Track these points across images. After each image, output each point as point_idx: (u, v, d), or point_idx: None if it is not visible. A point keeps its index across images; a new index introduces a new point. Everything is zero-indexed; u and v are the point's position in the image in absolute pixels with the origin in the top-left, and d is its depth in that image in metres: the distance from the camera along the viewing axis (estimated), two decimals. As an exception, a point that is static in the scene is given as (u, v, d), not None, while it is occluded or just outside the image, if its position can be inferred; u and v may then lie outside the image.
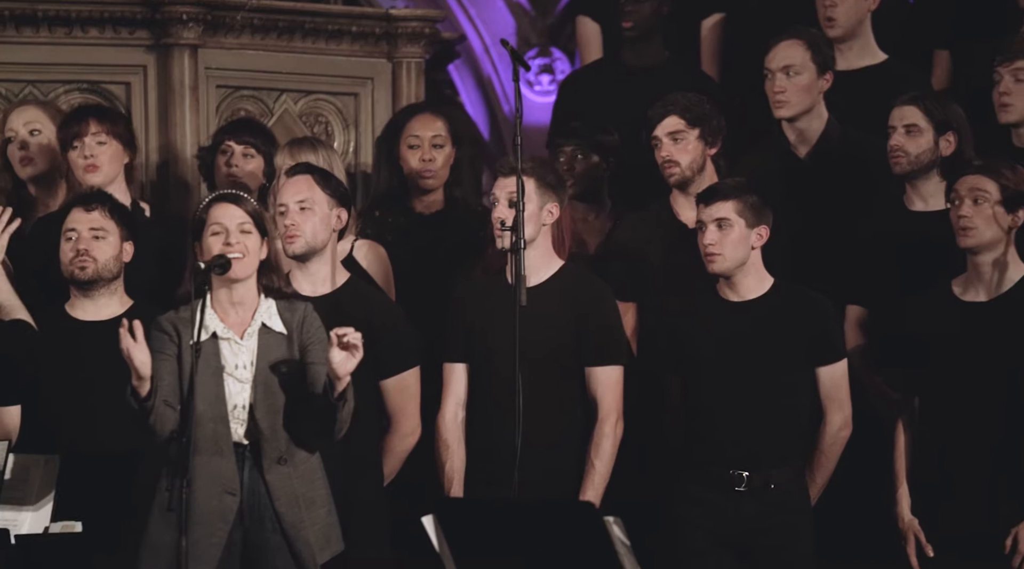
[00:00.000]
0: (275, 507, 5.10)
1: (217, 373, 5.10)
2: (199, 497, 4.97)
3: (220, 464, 5.08)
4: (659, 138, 6.20)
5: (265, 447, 5.11)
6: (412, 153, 6.48)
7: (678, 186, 6.22)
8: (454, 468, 5.80)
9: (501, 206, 5.71)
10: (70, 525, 5.17)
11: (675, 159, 6.19)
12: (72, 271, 5.66)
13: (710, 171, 6.24)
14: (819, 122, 6.47)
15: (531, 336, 5.56)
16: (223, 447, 5.09)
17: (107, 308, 5.69)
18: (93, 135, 6.05)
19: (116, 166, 6.09)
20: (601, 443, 5.73)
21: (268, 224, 5.25)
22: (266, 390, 5.12)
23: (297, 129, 6.83)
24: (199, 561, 4.99)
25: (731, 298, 5.78)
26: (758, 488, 5.65)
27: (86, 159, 6.04)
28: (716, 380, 5.71)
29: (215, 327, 5.12)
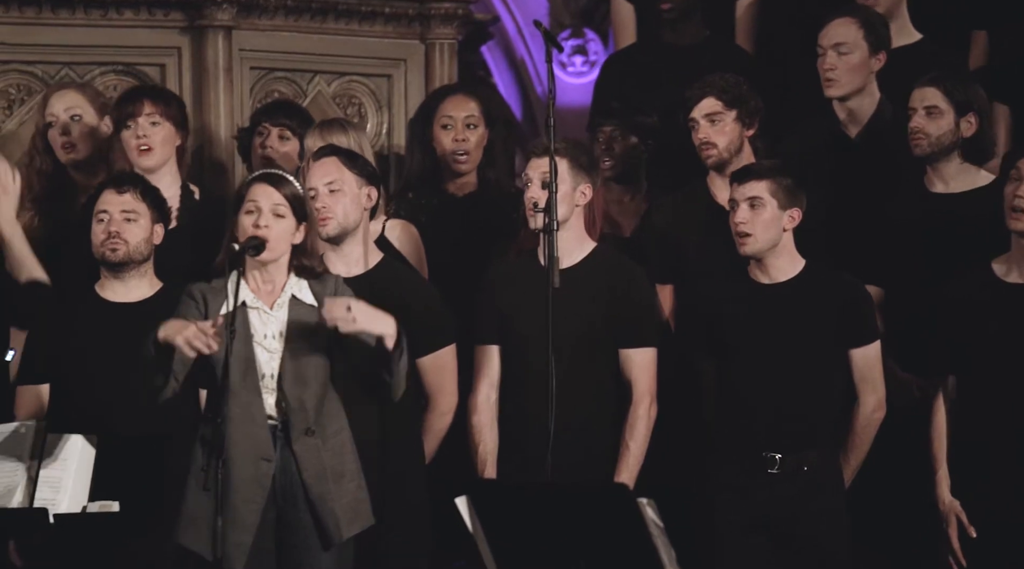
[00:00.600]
0: (303, 479, 5.12)
1: (247, 341, 5.12)
2: (235, 465, 4.99)
3: (254, 431, 5.10)
4: (696, 120, 6.19)
5: (293, 418, 5.13)
6: (445, 134, 6.48)
7: (715, 168, 6.21)
8: (487, 450, 5.82)
9: (534, 187, 5.71)
10: (107, 504, 5.20)
11: (712, 141, 6.17)
12: (103, 253, 5.68)
13: (747, 152, 6.23)
14: (871, 102, 6.44)
15: (564, 318, 5.56)
16: (256, 415, 5.11)
17: (137, 290, 5.70)
18: (147, 116, 6.04)
19: (168, 148, 6.09)
20: (635, 425, 5.74)
21: (308, 208, 5.25)
22: (295, 361, 5.14)
23: (330, 111, 6.83)
24: (239, 528, 5.02)
25: (763, 280, 5.77)
26: (791, 471, 5.64)
27: (139, 140, 6.04)
28: (748, 362, 5.71)
29: (245, 296, 5.14)
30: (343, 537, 5.13)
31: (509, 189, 6.47)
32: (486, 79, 8.48)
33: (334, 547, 5.15)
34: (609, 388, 5.79)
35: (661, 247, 6.22)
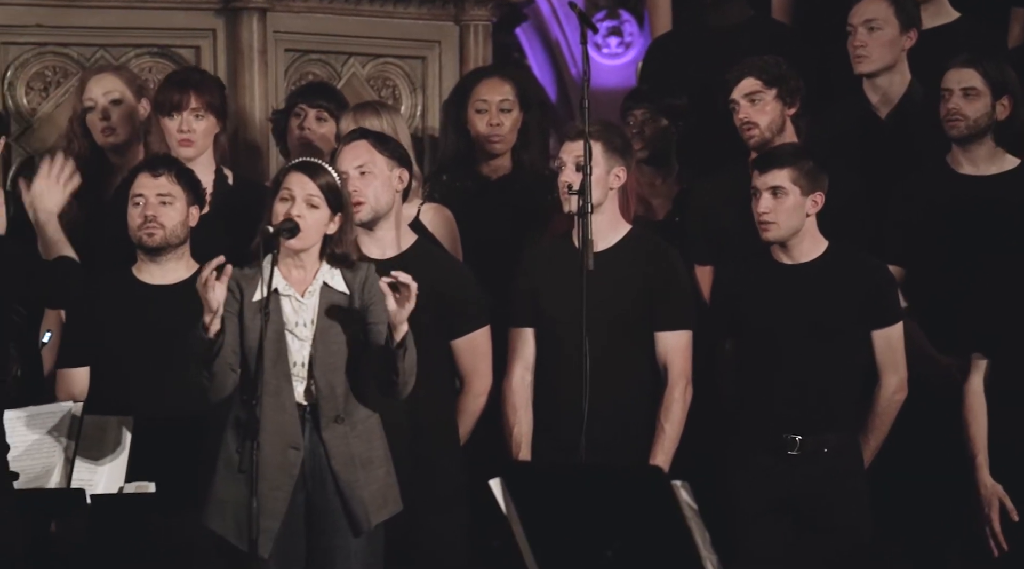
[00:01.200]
0: (331, 466, 5.12)
1: (279, 329, 5.13)
2: (264, 452, 5.00)
3: (283, 419, 5.10)
4: (736, 101, 6.18)
5: (323, 405, 5.13)
6: (479, 117, 6.48)
7: (757, 148, 6.19)
8: (522, 432, 5.82)
9: (568, 170, 5.71)
10: (144, 485, 5.22)
11: (753, 120, 6.16)
12: (140, 237, 5.69)
13: (790, 132, 6.21)
14: (901, 81, 6.41)
15: (598, 300, 5.56)
16: (285, 403, 5.11)
17: (174, 273, 5.72)
18: (192, 110, 6.03)
19: (208, 139, 6.09)
20: (671, 407, 5.74)
21: (344, 199, 5.24)
22: (325, 348, 5.14)
23: (365, 93, 6.84)
24: (266, 514, 5.02)
25: (785, 261, 5.77)
26: (811, 451, 5.64)
27: (182, 133, 6.04)
28: (769, 343, 5.70)
29: (277, 284, 5.14)
30: (371, 524, 5.13)
31: (543, 172, 6.47)
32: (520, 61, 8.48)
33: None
34: (643, 370, 5.78)
35: (702, 228, 6.21)
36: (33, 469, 5.16)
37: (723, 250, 6.15)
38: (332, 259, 5.20)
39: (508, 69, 7.00)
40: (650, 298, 5.75)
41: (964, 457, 5.70)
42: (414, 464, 5.56)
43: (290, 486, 5.10)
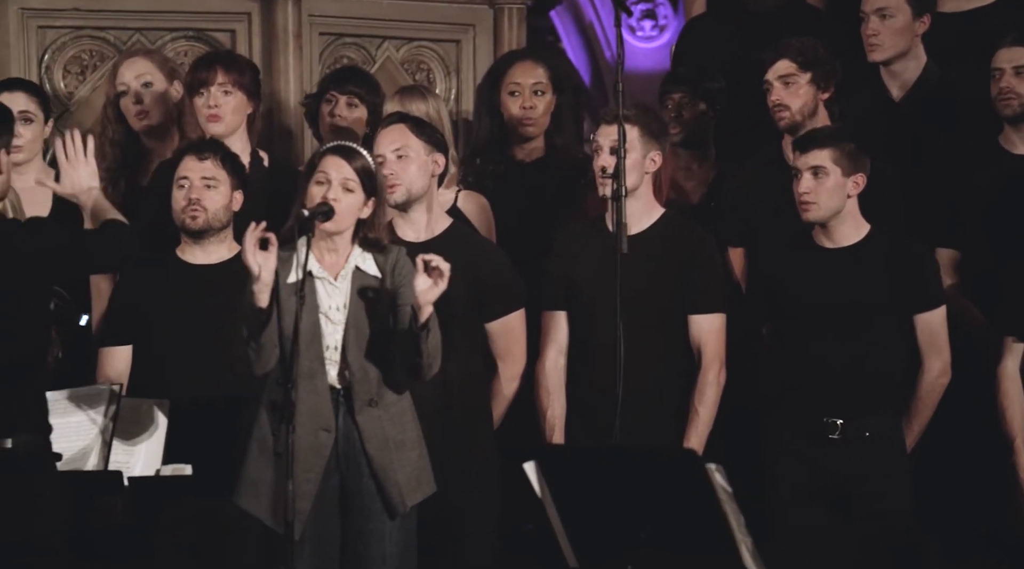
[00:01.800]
0: (365, 449, 5.13)
1: (313, 312, 5.14)
2: (296, 435, 5.00)
3: (316, 402, 5.11)
4: (770, 82, 6.17)
5: (356, 388, 5.14)
6: (513, 100, 6.48)
7: (788, 130, 6.18)
8: (555, 415, 5.83)
9: (603, 154, 5.71)
10: (180, 468, 5.24)
11: (786, 103, 6.15)
12: (184, 220, 5.72)
13: (822, 116, 6.19)
14: (916, 66, 6.39)
15: (631, 284, 5.55)
16: (319, 386, 5.12)
17: (216, 254, 5.75)
18: (219, 85, 6.06)
19: (239, 117, 6.11)
20: (705, 390, 5.74)
21: (379, 185, 5.25)
22: (358, 332, 5.15)
23: (399, 76, 6.84)
24: (298, 496, 5.01)
25: (827, 245, 5.75)
26: (852, 436, 5.62)
27: (210, 109, 6.06)
28: (810, 327, 5.69)
29: (311, 267, 5.13)
30: (406, 507, 5.14)
31: (576, 155, 6.47)
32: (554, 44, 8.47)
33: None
34: (677, 353, 5.79)
35: (734, 210, 6.20)
36: (71, 451, 5.18)
37: (755, 233, 6.14)
38: (364, 243, 5.21)
39: (542, 52, 6.99)
40: (683, 281, 5.75)
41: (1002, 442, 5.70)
42: (447, 447, 5.57)
43: (321, 468, 5.12)
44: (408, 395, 5.21)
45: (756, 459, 5.70)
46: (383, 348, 5.15)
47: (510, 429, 5.87)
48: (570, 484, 4.68)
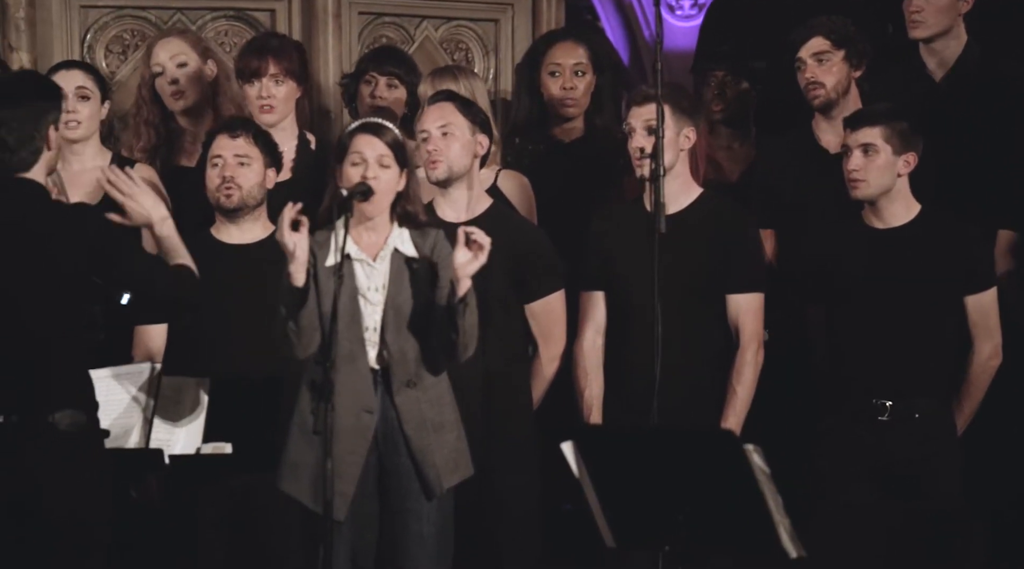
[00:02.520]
0: (404, 430, 5.14)
1: (351, 293, 5.15)
2: (338, 415, 5.02)
3: (356, 382, 5.13)
4: (803, 59, 6.14)
5: (395, 370, 5.15)
6: (553, 81, 6.48)
7: (821, 109, 6.16)
8: (593, 395, 5.83)
9: (638, 136, 5.70)
10: (220, 446, 5.26)
11: (819, 80, 6.13)
12: (218, 198, 5.74)
13: (854, 94, 6.17)
14: (957, 45, 6.36)
15: (669, 263, 5.54)
16: (359, 366, 5.14)
17: (251, 233, 5.77)
18: (271, 76, 6.06)
19: (289, 104, 6.12)
20: (742, 370, 5.73)
21: (408, 155, 5.26)
22: (396, 313, 5.16)
23: (438, 56, 6.84)
24: (341, 478, 5.04)
25: (877, 225, 5.73)
26: (902, 418, 5.60)
27: (262, 99, 6.08)
28: (860, 308, 5.66)
29: (349, 249, 5.15)
30: (444, 489, 5.15)
31: (616, 135, 6.44)
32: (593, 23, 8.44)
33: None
34: (715, 333, 5.78)
35: (763, 191, 6.19)
36: (112, 429, 5.21)
37: (784, 213, 6.12)
38: (403, 219, 5.21)
39: (581, 32, 6.98)
40: (722, 260, 5.74)
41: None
42: (487, 428, 5.59)
43: (364, 449, 5.13)
44: (446, 378, 5.22)
45: (795, 440, 5.69)
46: (422, 329, 5.16)
47: (549, 409, 5.88)
48: (608, 464, 4.68)
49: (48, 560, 4.82)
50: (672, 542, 4.63)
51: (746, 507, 4.50)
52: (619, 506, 4.70)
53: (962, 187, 6.11)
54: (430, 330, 5.16)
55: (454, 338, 5.08)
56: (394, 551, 5.15)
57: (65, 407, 4.83)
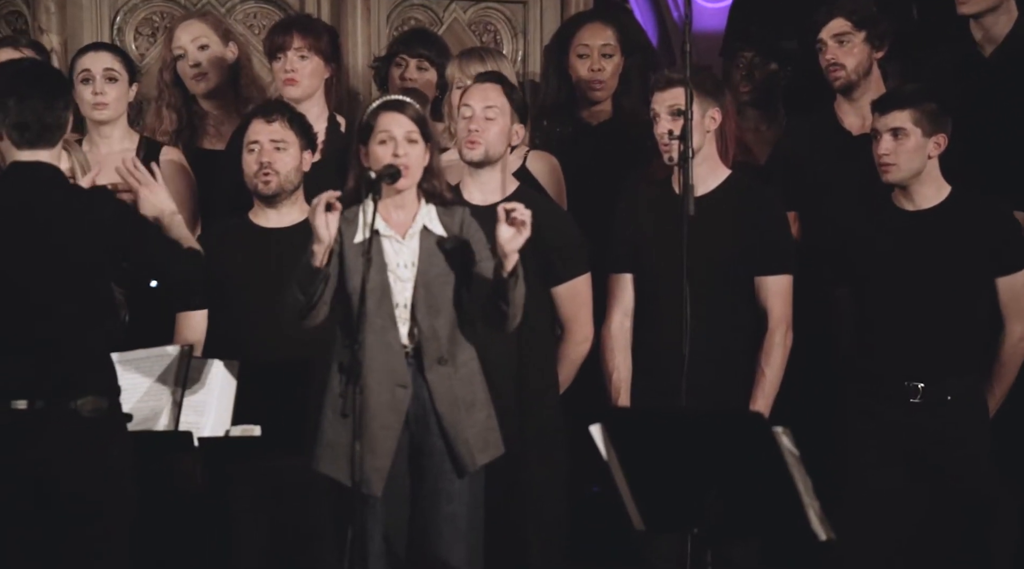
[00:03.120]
0: (436, 408, 5.14)
1: (381, 270, 5.15)
2: (372, 393, 5.04)
3: (390, 359, 5.13)
4: (824, 41, 6.12)
5: (425, 347, 5.15)
6: (581, 62, 6.47)
7: (843, 90, 6.14)
8: (621, 378, 5.83)
9: (662, 120, 5.69)
10: (249, 429, 5.28)
11: (840, 62, 6.10)
12: (256, 184, 5.75)
13: (876, 76, 6.15)
14: (1007, 19, 6.31)
15: (698, 245, 5.53)
16: (392, 343, 5.14)
17: (288, 217, 5.78)
18: (296, 50, 6.08)
19: (316, 81, 6.13)
20: (771, 352, 5.73)
21: (433, 131, 5.26)
22: (427, 290, 5.16)
23: (466, 38, 6.84)
24: (377, 454, 5.06)
25: (907, 207, 5.70)
26: (933, 400, 5.59)
27: (287, 73, 6.09)
28: (891, 290, 5.64)
29: (378, 225, 5.14)
30: (475, 466, 5.16)
31: (644, 117, 6.42)
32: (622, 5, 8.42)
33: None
34: (743, 315, 5.77)
35: (787, 173, 6.17)
36: (142, 412, 5.22)
37: (807, 196, 6.09)
38: (429, 195, 5.21)
39: (610, 13, 6.96)
40: (750, 242, 5.73)
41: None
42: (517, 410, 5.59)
43: (399, 425, 5.14)
44: (476, 356, 5.22)
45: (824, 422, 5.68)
46: (453, 306, 5.17)
47: (577, 392, 5.88)
48: (636, 447, 4.69)
49: (72, 544, 4.83)
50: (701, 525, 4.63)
51: (775, 490, 4.50)
52: (647, 489, 4.70)
53: (1013, 163, 6.06)
54: (462, 308, 5.16)
55: (504, 309, 5.08)
56: (425, 531, 5.16)
57: (88, 393, 4.85)
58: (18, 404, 4.83)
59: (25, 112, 4.85)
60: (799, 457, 4.52)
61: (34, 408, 4.83)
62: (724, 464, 4.58)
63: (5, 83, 4.91)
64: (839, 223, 5.85)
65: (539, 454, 5.68)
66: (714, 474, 4.59)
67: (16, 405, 4.83)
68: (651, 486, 4.68)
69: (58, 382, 4.83)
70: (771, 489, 4.51)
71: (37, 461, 4.82)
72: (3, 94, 4.88)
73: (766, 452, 4.50)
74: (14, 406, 4.83)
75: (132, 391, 5.16)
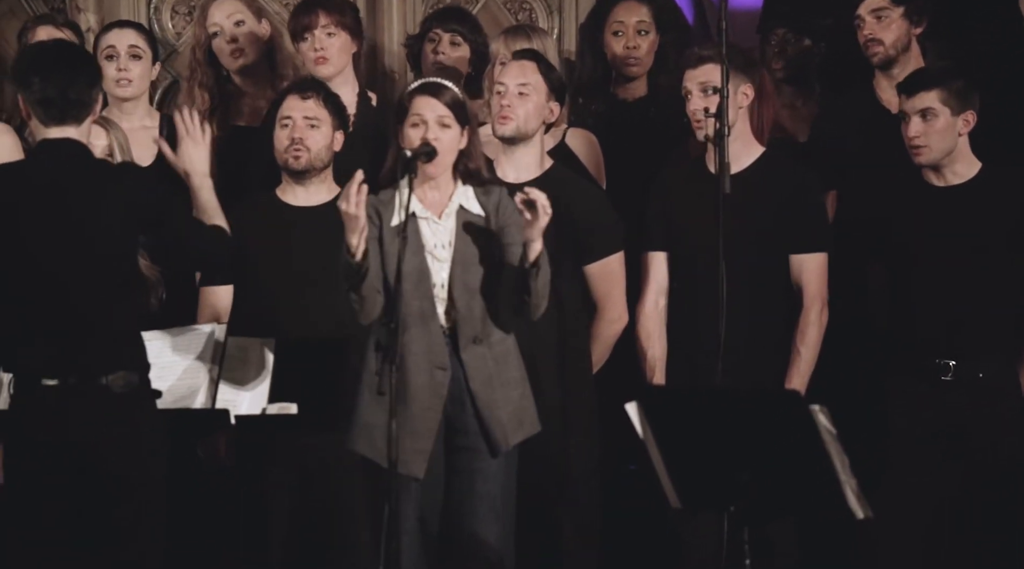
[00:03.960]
0: (470, 386, 5.15)
1: (419, 252, 5.15)
2: (411, 374, 5.04)
3: (428, 340, 5.14)
4: (862, 16, 6.10)
5: (461, 326, 5.16)
6: (616, 40, 6.46)
7: (881, 66, 6.11)
8: (656, 357, 5.82)
9: (695, 98, 5.68)
10: (286, 407, 5.29)
11: (878, 37, 6.08)
12: (287, 159, 5.76)
13: (915, 52, 6.12)
14: None
15: (733, 224, 5.51)
16: (430, 324, 5.15)
17: (316, 195, 5.78)
18: (323, 28, 6.09)
19: (344, 57, 6.14)
20: (807, 331, 5.71)
21: (470, 113, 5.26)
22: (463, 269, 5.16)
23: (501, 16, 6.84)
24: (418, 435, 5.07)
25: (937, 183, 5.68)
26: (966, 378, 5.57)
27: (316, 52, 6.10)
28: (922, 268, 5.62)
29: (414, 207, 5.15)
30: (509, 445, 5.16)
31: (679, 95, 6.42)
32: (657, -18, 8.39)
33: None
34: (778, 293, 5.76)
35: (825, 151, 6.14)
36: (179, 389, 5.24)
37: (845, 173, 6.07)
38: (465, 176, 5.21)
39: (645, -9, 6.95)
40: (785, 220, 5.72)
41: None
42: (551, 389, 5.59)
43: (440, 406, 5.14)
44: (513, 336, 5.22)
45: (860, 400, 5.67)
46: (489, 286, 5.17)
47: (612, 371, 5.87)
48: (673, 425, 4.68)
49: (105, 521, 4.86)
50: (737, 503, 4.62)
51: (812, 468, 4.49)
52: (684, 467, 4.70)
53: None
54: (498, 287, 5.16)
55: (526, 299, 5.09)
56: (460, 509, 5.17)
57: (118, 369, 4.86)
58: (49, 381, 4.85)
59: (48, 88, 4.87)
60: (836, 435, 4.51)
61: (66, 385, 4.85)
62: (761, 442, 4.57)
63: (29, 61, 4.95)
64: (872, 200, 5.82)
65: (571, 433, 5.68)
66: (751, 452, 4.58)
67: (47, 382, 4.85)
68: (687, 465, 4.68)
69: (89, 358, 4.85)
70: (808, 467, 4.50)
71: (70, 437, 4.84)
72: (28, 72, 4.91)
73: (803, 430, 4.49)
74: (45, 383, 4.84)
75: (169, 369, 5.17)
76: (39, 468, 4.85)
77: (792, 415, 4.52)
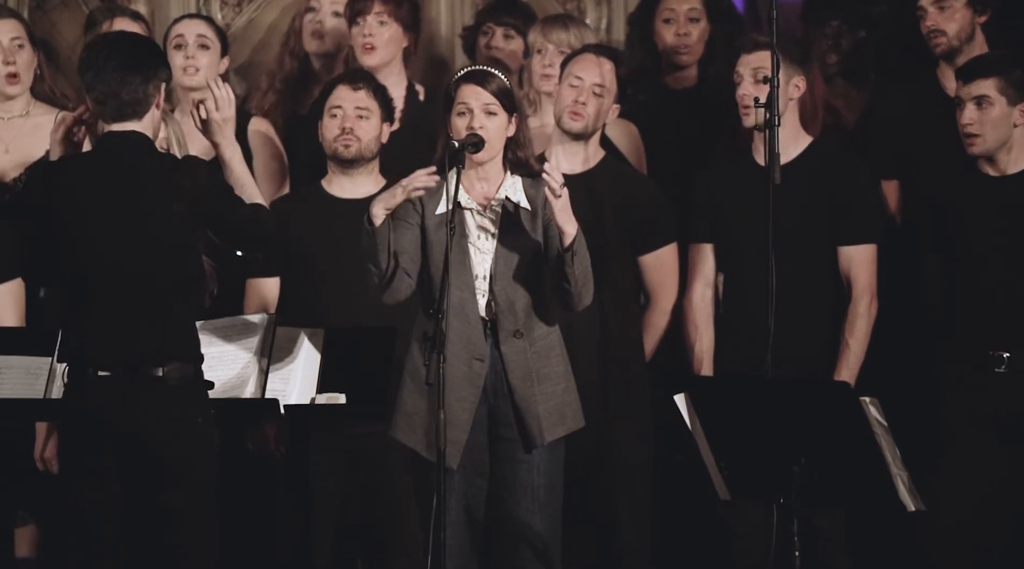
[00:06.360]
0: (508, 380, 5.14)
1: (462, 242, 5.15)
2: (449, 365, 5.03)
3: (468, 331, 5.13)
4: (924, 7, 6.05)
5: (502, 319, 5.15)
6: (667, 28, 6.43)
7: (944, 57, 6.06)
8: (703, 348, 5.81)
9: (746, 83, 5.66)
10: (335, 397, 5.30)
11: (941, 28, 6.03)
12: (336, 148, 5.76)
13: (980, 41, 6.06)
14: None
15: (781, 214, 5.48)
16: (469, 315, 5.14)
17: (363, 187, 5.78)
18: (376, 15, 6.10)
19: (393, 48, 6.14)
20: (856, 322, 5.69)
21: (518, 101, 5.24)
22: (506, 262, 5.15)
23: (549, 5, 6.82)
24: (454, 426, 5.05)
25: (992, 173, 5.64)
26: (1019, 369, 5.53)
27: (365, 38, 6.11)
28: (976, 258, 5.58)
29: (460, 197, 5.14)
30: (544, 441, 5.12)
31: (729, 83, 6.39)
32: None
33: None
34: (827, 284, 5.73)
35: (888, 140, 6.10)
36: (228, 379, 5.26)
37: (909, 163, 6.03)
38: (515, 166, 5.20)
39: (696, -21, 6.92)
40: (834, 211, 5.69)
41: None
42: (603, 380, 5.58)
43: (475, 397, 5.14)
44: (557, 330, 5.20)
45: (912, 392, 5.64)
46: (533, 279, 5.16)
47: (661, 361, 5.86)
48: (722, 416, 4.67)
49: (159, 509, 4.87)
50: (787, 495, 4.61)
51: (863, 460, 4.47)
52: (733, 458, 4.68)
53: None
54: (543, 281, 5.15)
55: (567, 287, 5.07)
56: (505, 500, 5.17)
57: (174, 360, 4.88)
58: (104, 372, 4.87)
59: (99, 87, 4.87)
60: (887, 427, 4.49)
61: (121, 375, 4.86)
62: (811, 434, 4.56)
63: (86, 56, 4.95)
64: (928, 189, 5.79)
65: (625, 423, 5.67)
66: (800, 444, 4.57)
67: (102, 373, 4.86)
68: (736, 455, 4.67)
69: (146, 348, 4.86)
70: (859, 459, 4.49)
71: (124, 427, 4.86)
72: (84, 67, 4.92)
73: (854, 422, 4.47)
74: (101, 374, 4.86)
75: (219, 359, 5.18)
76: (94, 458, 4.87)
77: (842, 406, 4.50)
